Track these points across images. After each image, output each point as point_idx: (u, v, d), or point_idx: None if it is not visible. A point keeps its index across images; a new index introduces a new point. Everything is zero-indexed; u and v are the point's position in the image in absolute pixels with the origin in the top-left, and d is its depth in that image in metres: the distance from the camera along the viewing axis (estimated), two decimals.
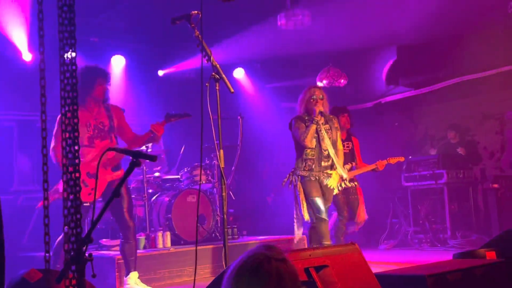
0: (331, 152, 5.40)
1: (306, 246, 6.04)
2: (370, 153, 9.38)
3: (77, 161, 2.01)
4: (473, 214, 8.16)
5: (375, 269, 5.69)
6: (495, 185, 8.03)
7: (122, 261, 5.00)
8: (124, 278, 4.96)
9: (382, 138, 9.55)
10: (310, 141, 5.35)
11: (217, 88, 3.45)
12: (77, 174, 1.99)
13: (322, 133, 5.38)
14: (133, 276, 4.87)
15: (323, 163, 5.40)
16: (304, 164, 5.40)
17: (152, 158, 2.23)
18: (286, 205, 9.09)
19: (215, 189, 6.79)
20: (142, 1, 7.15)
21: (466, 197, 8.26)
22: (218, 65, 3.51)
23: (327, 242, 5.28)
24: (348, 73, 9.01)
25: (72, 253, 2.08)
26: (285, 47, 8.71)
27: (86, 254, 2.16)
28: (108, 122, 4.86)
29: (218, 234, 6.65)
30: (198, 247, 5.99)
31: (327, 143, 5.38)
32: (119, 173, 4.85)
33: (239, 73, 9.29)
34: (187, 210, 6.41)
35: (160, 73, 8.88)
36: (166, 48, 8.60)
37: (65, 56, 2.11)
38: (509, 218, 7.35)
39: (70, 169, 1.99)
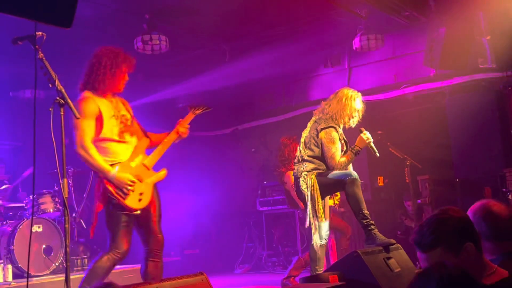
0: None
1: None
2: (229, 176, 9.52)
3: None
4: None
5: None
6: (342, 209, 8.53)
7: None
8: None
9: (239, 163, 9.74)
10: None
11: (62, 113, 3.27)
12: None
13: None
14: None
15: None
16: None
17: None
18: None
19: (63, 218, 6.42)
20: None
21: None
22: (63, 89, 3.34)
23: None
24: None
25: None
26: (143, 71, 8.60)
27: None
28: (129, 115, 4.08)
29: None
30: (44, 281, 5.67)
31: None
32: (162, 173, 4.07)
33: None
34: (32, 240, 5.98)
35: (10, 94, 8.37)
36: (16, 68, 8.05)
37: None
38: (354, 241, 7.84)
39: None
